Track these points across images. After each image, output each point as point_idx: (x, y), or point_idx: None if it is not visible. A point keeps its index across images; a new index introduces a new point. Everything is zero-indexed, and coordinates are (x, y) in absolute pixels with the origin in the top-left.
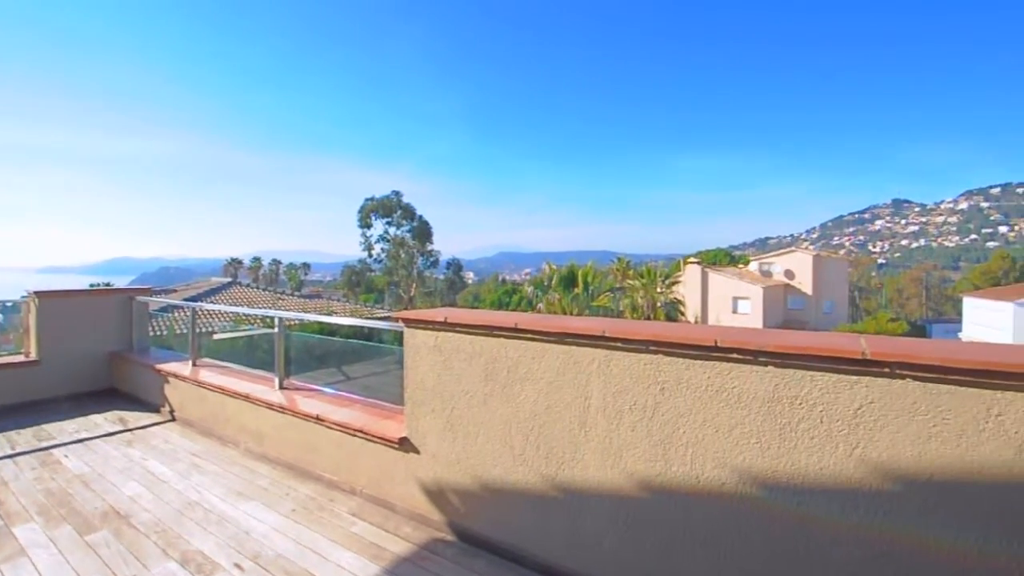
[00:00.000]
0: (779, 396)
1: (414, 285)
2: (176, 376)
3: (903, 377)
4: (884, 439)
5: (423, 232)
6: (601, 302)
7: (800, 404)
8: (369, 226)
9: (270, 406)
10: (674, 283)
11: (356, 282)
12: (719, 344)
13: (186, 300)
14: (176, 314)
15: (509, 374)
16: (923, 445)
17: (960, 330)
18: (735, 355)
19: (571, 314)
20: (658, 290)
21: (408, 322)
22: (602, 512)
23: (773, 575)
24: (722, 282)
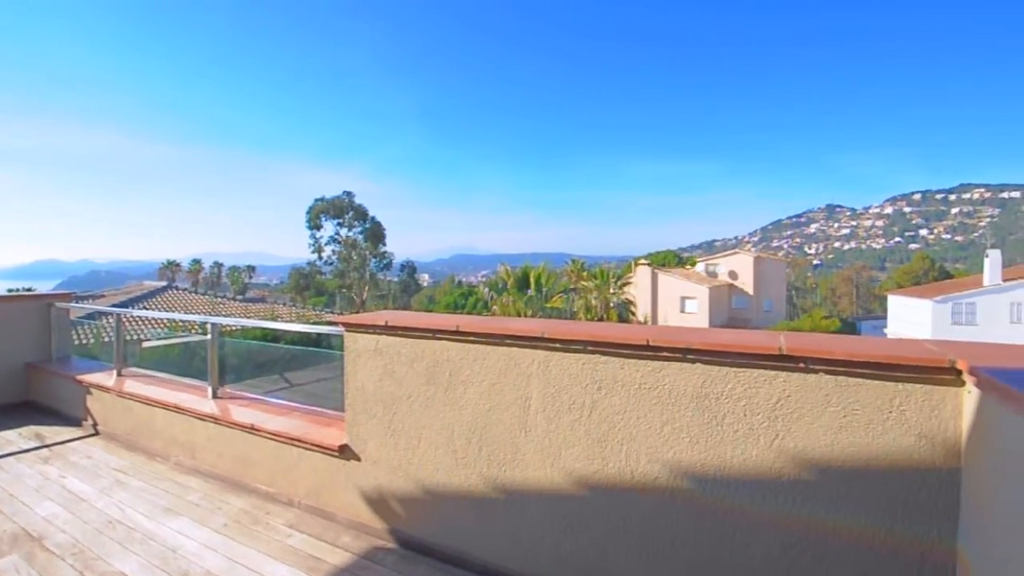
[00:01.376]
0: (706, 392)
1: (366, 288)
2: (99, 387)
3: (816, 372)
4: (800, 430)
5: (376, 234)
6: (555, 303)
7: (725, 399)
8: (319, 227)
9: (202, 417)
10: (625, 284)
11: (305, 285)
12: (651, 343)
13: (115, 306)
14: (104, 321)
15: (451, 377)
16: (835, 435)
17: (886, 326)
18: (666, 353)
19: (525, 315)
20: (611, 291)
21: (348, 326)
22: (542, 511)
23: (703, 564)
24: (671, 283)
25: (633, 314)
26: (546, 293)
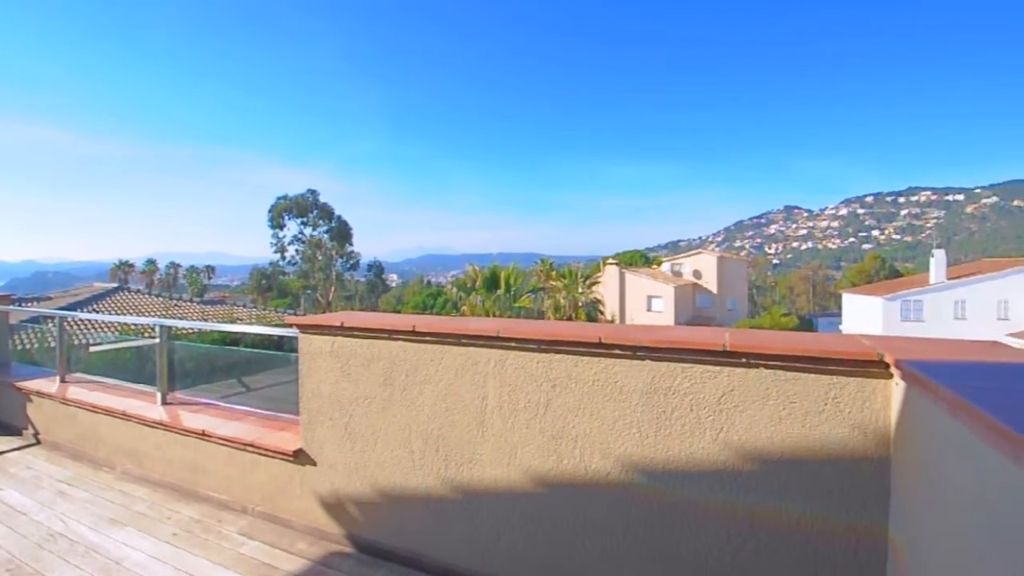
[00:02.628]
0: (656, 388)
1: (332, 288)
2: (41, 394)
3: (757, 366)
4: (743, 423)
5: (342, 233)
6: (523, 303)
7: (673, 394)
8: (281, 226)
9: (151, 423)
10: (594, 283)
11: (267, 286)
12: (603, 341)
13: (61, 308)
14: (50, 325)
15: (408, 378)
16: (775, 427)
17: (841, 322)
18: (617, 351)
19: (494, 315)
20: (579, 290)
21: (303, 328)
22: (499, 510)
23: (654, 556)
24: (638, 282)
25: (601, 313)
26: (515, 293)
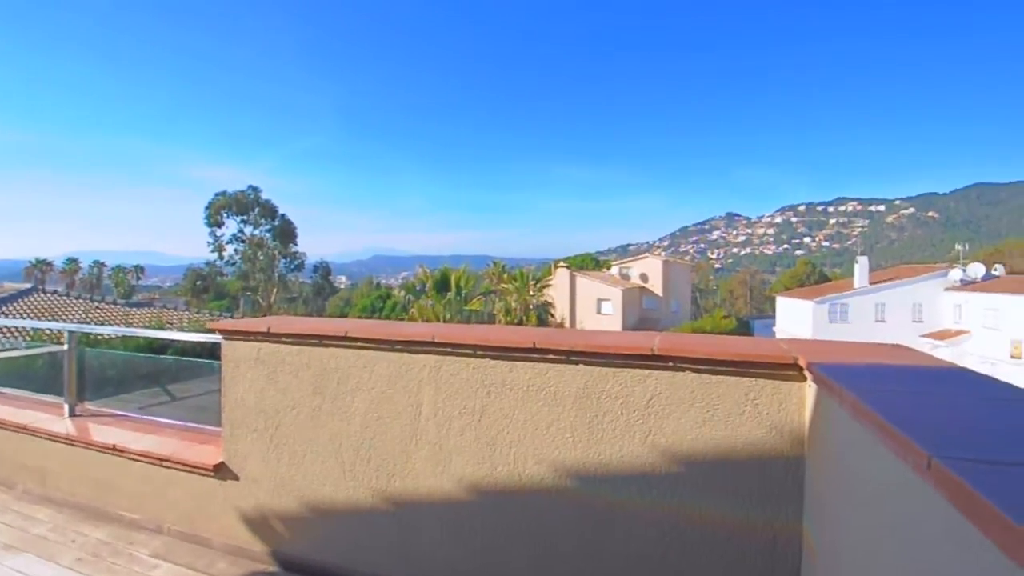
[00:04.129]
0: (589, 392)
1: (274, 290)
2: None
3: (683, 370)
4: (670, 425)
5: (286, 232)
6: (474, 306)
7: (605, 398)
8: (220, 224)
9: (56, 438)
10: (545, 286)
11: (203, 288)
12: (537, 346)
13: None
14: None
15: (339, 385)
16: (700, 429)
17: (775, 324)
18: (552, 355)
19: (444, 318)
20: (530, 293)
21: (227, 333)
22: (433, 519)
23: (585, 560)
24: (588, 285)
25: (552, 315)
26: (465, 295)
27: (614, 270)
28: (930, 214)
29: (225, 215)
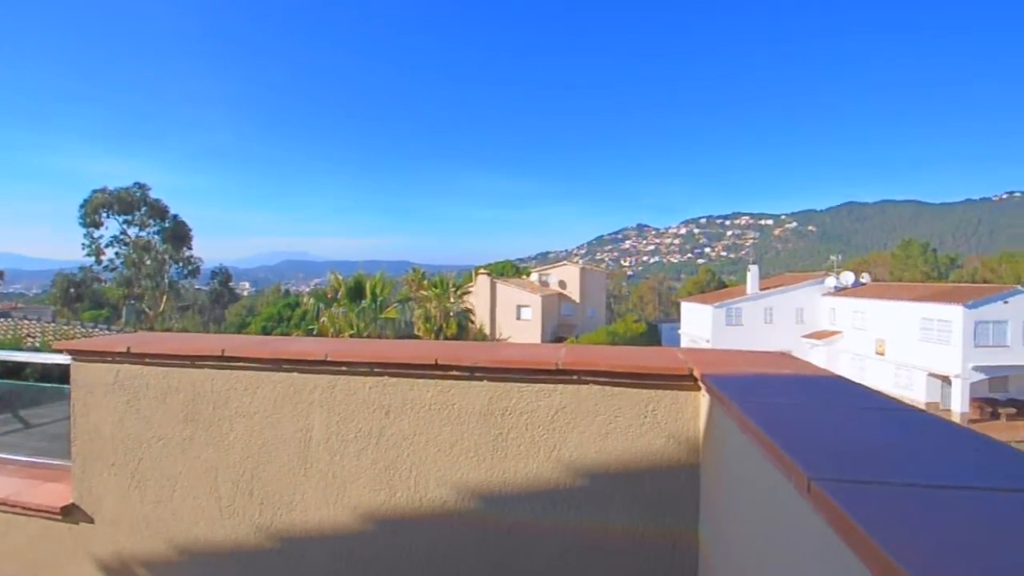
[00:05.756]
0: (493, 409)
1: (164, 298)
2: None
3: (587, 383)
4: (574, 439)
5: (178, 234)
6: (390, 314)
7: (510, 414)
8: (97, 225)
9: None
10: (465, 293)
11: (76, 295)
12: (440, 362)
13: None
14: None
15: (216, 411)
16: (603, 441)
17: (679, 327)
18: (455, 372)
19: (357, 327)
20: (450, 300)
21: (77, 354)
22: (324, 552)
23: None
24: (508, 291)
25: (472, 322)
26: (381, 303)
27: (534, 277)
28: (810, 228)
29: (104, 214)
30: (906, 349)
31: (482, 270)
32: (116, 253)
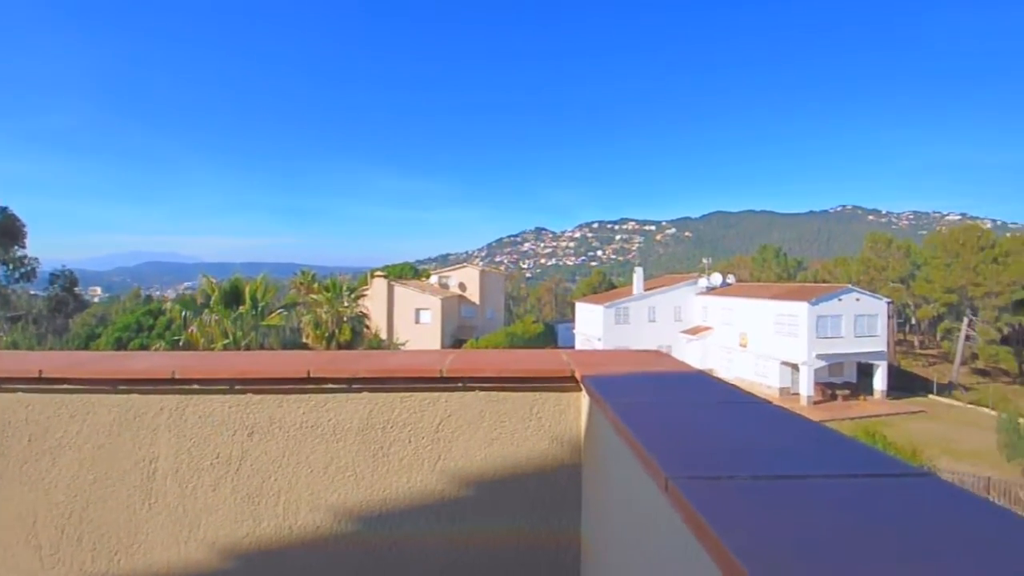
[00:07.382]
0: (372, 423)
1: None
2: None
3: (473, 389)
4: (459, 448)
5: (8, 231)
6: (273, 320)
7: (392, 427)
8: None
9: None
10: (360, 296)
11: None
12: (312, 375)
13: None
14: None
15: (34, 444)
16: (488, 448)
17: (574, 326)
18: (330, 385)
19: (233, 336)
20: (344, 304)
21: None
22: None
23: None
24: (406, 294)
25: (367, 327)
26: (262, 309)
27: (433, 279)
28: (686, 234)
29: None
30: (764, 341)
31: (379, 272)
32: None
